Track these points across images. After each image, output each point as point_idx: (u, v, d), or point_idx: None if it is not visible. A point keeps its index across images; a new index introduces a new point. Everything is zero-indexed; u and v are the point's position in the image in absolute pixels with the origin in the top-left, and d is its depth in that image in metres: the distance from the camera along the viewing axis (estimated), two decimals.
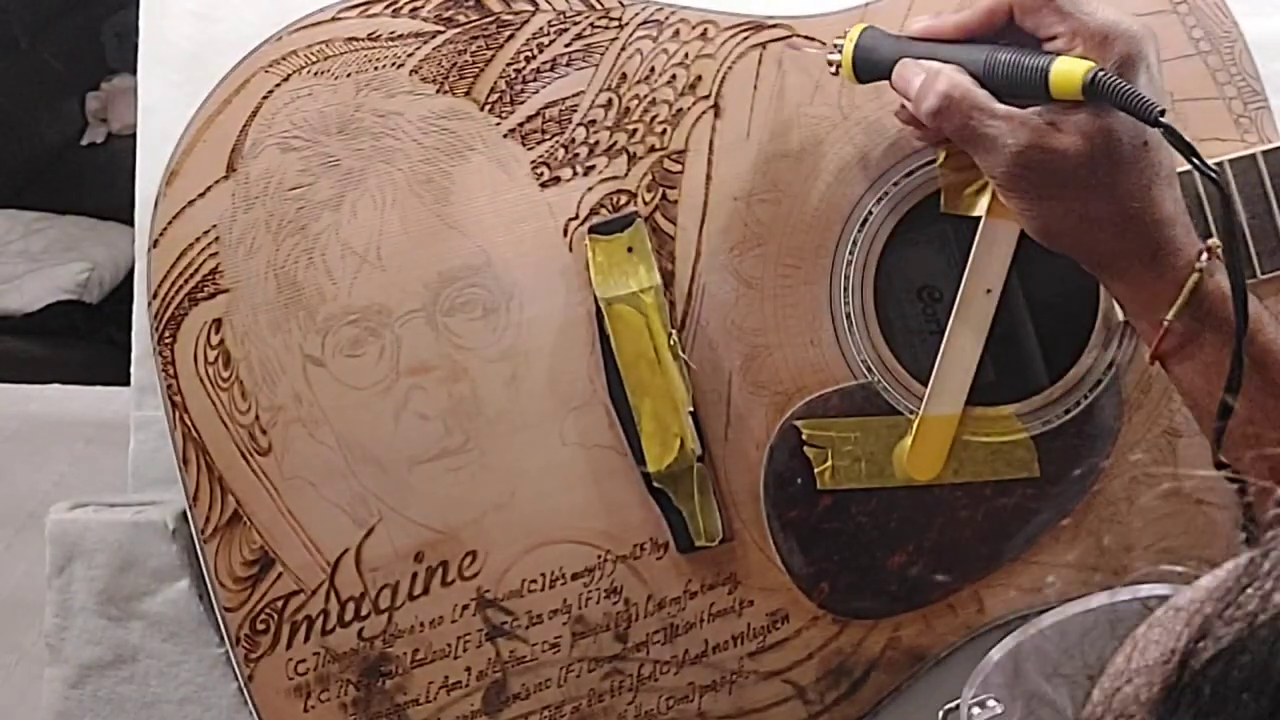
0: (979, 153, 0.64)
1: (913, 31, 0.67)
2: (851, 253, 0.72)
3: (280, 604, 0.72)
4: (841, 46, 0.68)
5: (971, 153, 0.65)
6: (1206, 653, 0.25)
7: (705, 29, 0.73)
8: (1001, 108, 0.63)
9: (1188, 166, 0.61)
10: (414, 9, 0.72)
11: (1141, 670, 0.26)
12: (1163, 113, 0.59)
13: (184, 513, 0.73)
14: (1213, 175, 0.61)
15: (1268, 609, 0.24)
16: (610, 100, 0.72)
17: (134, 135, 0.79)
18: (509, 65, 0.72)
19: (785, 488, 0.72)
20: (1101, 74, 0.60)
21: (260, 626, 0.72)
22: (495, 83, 0.72)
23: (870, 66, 0.67)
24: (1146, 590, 0.31)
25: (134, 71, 0.81)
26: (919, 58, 0.65)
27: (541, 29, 0.72)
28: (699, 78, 0.73)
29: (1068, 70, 0.61)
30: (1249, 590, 0.25)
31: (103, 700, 0.78)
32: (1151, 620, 0.27)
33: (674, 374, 0.71)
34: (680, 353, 0.72)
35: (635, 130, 0.73)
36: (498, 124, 0.72)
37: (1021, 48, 0.63)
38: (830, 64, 0.68)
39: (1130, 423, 0.73)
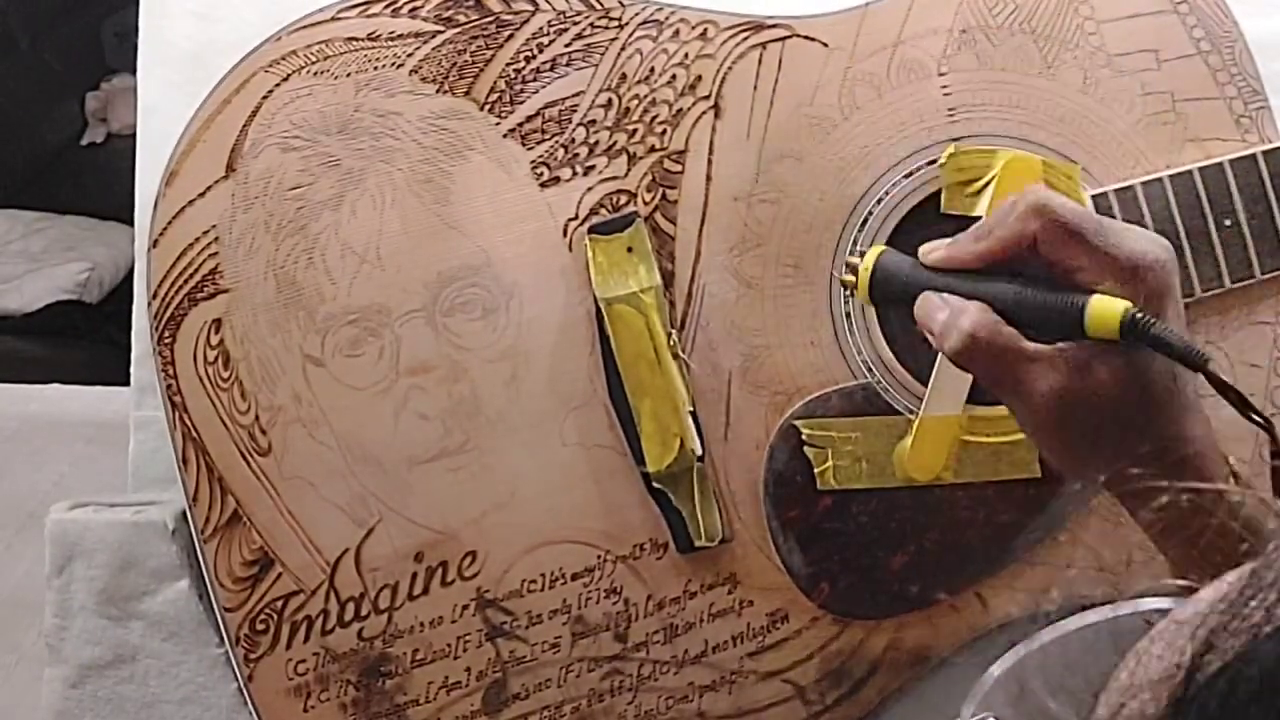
0: (1008, 395, 0.60)
1: (930, 260, 0.63)
2: (851, 253, 0.72)
3: (280, 604, 0.72)
4: (856, 267, 0.64)
5: (999, 394, 0.61)
6: (1212, 666, 0.24)
7: (705, 29, 0.73)
8: (1031, 347, 0.58)
9: (1186, 167, 0.61)
10: (414, 9, 0.72)
11: (1146, 685, 0.26)
12: (1208, 360, 0.56)
13: (184, 513, 0.73)
14: (1262, 423, 0.57)
15: (1272, 620, 0.24)
16: (610, 100, 0.72)
17: (134, 135, 0.79)
18: (509, 65, 0.72)
19: (785, 488, 0.72)
20: (1141, 316, 0.56)
21: (260, 626, 0.72)
22: (495, 83, 0.72)
23: (888, 291, 0.64)
24: (1148, 605, 0.30)
25: (134, 71, 0.81)
26: (941, 288, 0.61)
27: (541, 29, 0.72)
28: (699, 78, 0.73)
29: (1104, 310, 0.57)
30: (1253, 602, 0.25)
31: (102, 700, 0.77)
32: (1153, 634, 0.26)
33: (674, 374, 0.71)
34: (680, 353, 0.72)
35: (635, 130, 0.72)
36: (497, 124, 0.72)
37: (1049, 281, 0.59)
38: (845, 285, 0.65)
39: None
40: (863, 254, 0.65)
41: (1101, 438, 0.59)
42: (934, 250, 0.63)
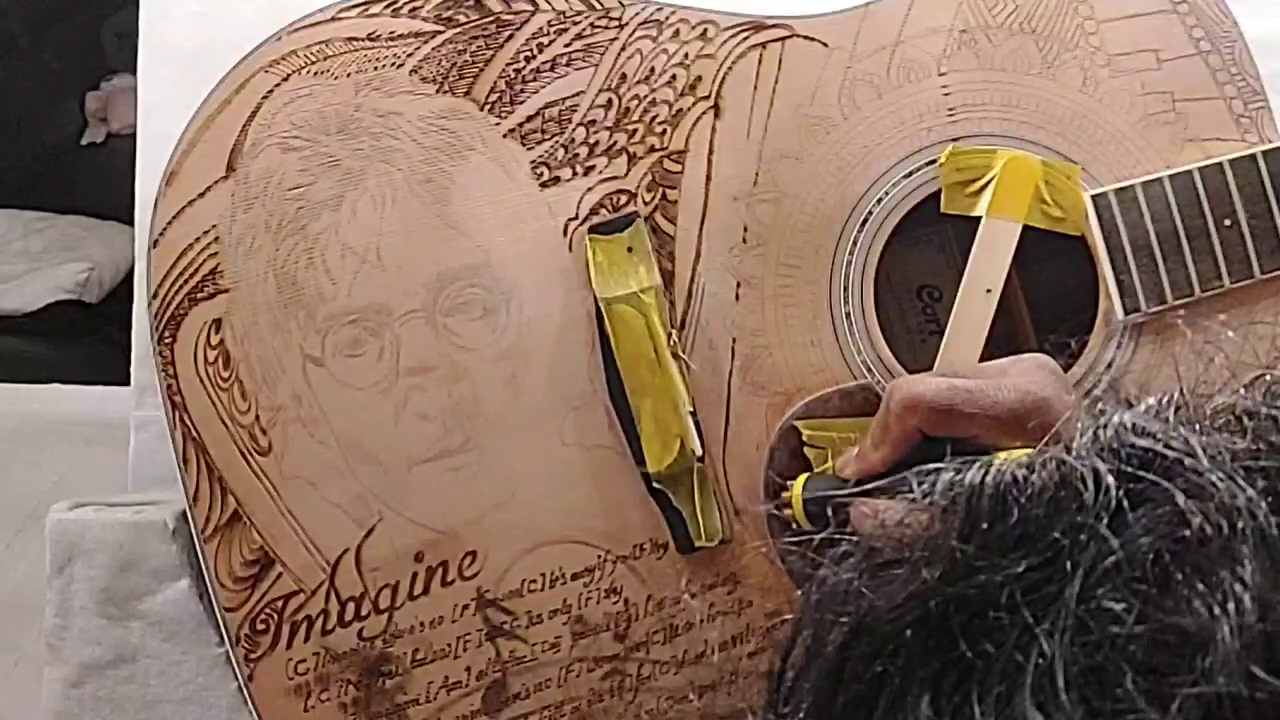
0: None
1: (847, 474, 0.66)
2: (851, 253, 0.72)
3: (280, 604, 0.72)
4: (789, 502, 0.68)
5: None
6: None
7: (705, 29, 0.73)
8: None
9: (1186, 167, 0.61)
10: (414, 9, 0.72)
11: None
12: None
13: (184, 513, 0.73)
14: None
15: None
16: (610, 100, 0.72)
17: (134, 135, 0.79)
18: (509, 65, 0.72)
19: (785, 488, 0.72)
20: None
21: (260, 626, 0.72)
22: (495, 83, 0.72)
23: (820, 508, 0.67)
24: None
25: (134, 71, 0.81)
26: (871, 494, 0.62)
27: (541, 29, 0.72)
28: (699, 78, 0.73)
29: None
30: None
31: (102, 700, 0.77)
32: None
33: (674, 374, 0.71)
34: (680, 353, 0.72)
35: (635, 130, 0.73)
36: (497, 124, 0.72)
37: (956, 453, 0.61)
38: (785, 524, 0.69)
39: None
40: (786, 487, 0.69)
41: None
42: (846, 465, 0.66)
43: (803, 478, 0.68)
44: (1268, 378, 0.28)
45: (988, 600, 0.25)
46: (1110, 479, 0.25)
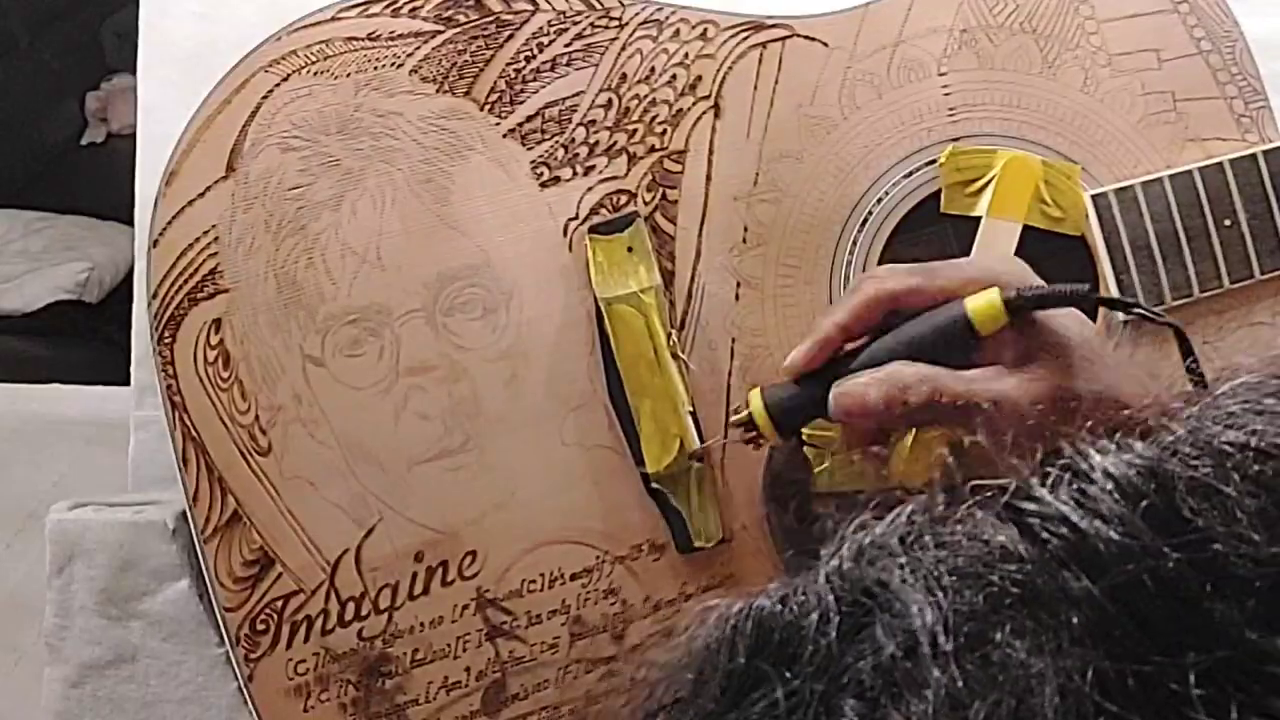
0: (970, 423, 0.58)
1: (803, 361, 0.61)
2: (851, 253, 0.72)
3: (280, 604, 0.72)
4: (751, 418, 0.63)
5: (972, 429, 0.60)
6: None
7: (705, 29, 0.73)
8: (967, 374, 0.58)
9: (1186, 167, 0.61)
10: (413, 9, 0.72)
11: None
12: (1093, 288, 0.57)
13: (184, 513, 0.73)
14: (1171, 324, 0.59)
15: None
16: (610, 100, 0.72)
17: (134, 135, 0.79)
18: (509, 65, 0.72)
19: (784, 488, 0.72)
20: (1014, 290, 0.57)
21: (260, 626, 0.72)
22: (495, 82, 0.72)
23: (791, 417, 0.63)
24: None
25: (134, 71, 0.81)
26: (838, 378, 0.60)
27: (541, 29, 0.72)
28: (699, 78, 0.73)
29: (984, 304, 0.57)
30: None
31: (103, 700, 0.77)
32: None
33: (673, 374, 0.71)
34: (680, 353, 0.71)
35: (635, 130, 0.72)
36: (497, 124, 0.72)
37: (916, 317, 0.59)
38: (747, 441, 0.64)
39: None
40: (739, 411, 0.64)
41: (1078, 397, 0.59)
42: (792, 356, 0.62)
43: (755, 391, 0.63)
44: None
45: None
46: (832, 610, 0.26)
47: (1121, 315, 0.71)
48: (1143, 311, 0.59)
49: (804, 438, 0.72)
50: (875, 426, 0.61)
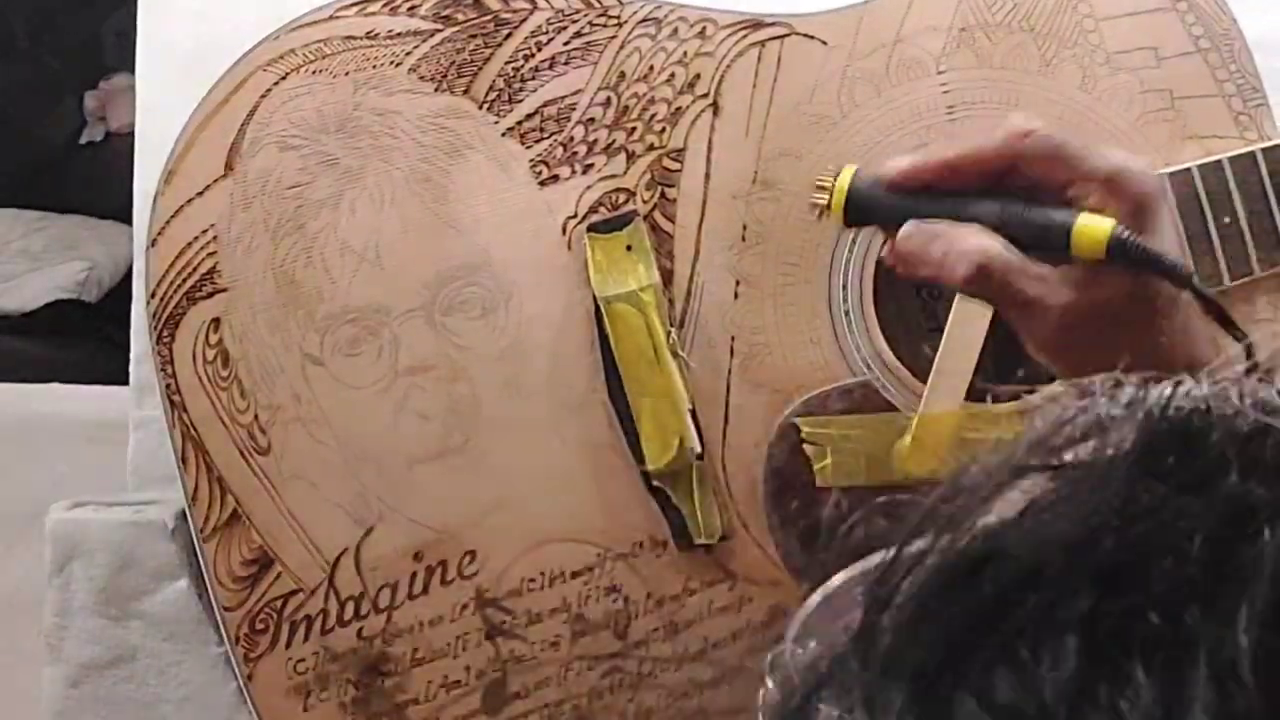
0: (1019, 316, 0.59)
1: (899, 175, 0.60)
2: (850, 250, 0.72)
3: (280, 603, 0.72)
4: (829, 188, 0.61)
5: (1009, 316, 0.60)
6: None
7: (704, 27, 0.73)
8: (1036, 268, 0.58)
9: (1185, 165, 0.61)
10: (412, 7, 0.72)
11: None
12: (1192, 275, 0.57)
13: (184, 512, 0.73)
14: (1243, 339, 0.57)
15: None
16: (609, 99, 0.72)
17: (133, 134, 0.79)
18: (507, 63, 0.72)
19: (784, 485, 0.72)
20: (1127, 235, 0.56)
21: (259, 626, 0.72)
22: (493, 81, 0.72)
23: (864, 213, 0.61)
24: None
25: (133, 71, 0.81)
26: (926, 214, 0.59)
27: (540, 27, 0.72)
28: (697, 76, 0.73)
29: (1090, 230, 0.56)
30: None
31: (102, 700, 0.78)
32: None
33: (673, 372, 0.71)
34: (679, 351, 0.71)
35: (634, 129, 0.72)
36: (496, 122, 0.72)
37: (1029, 201, 0.58)
38: (815, 206, 0.62)
39: None
40: (835, 174, 0.61)
41: (1111, 347, 0.58)
42: (898, 163, 0.60)
43: (849, 170, 0.61)
44: None
45: (1167, 547, 0.22)
46: None
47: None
48: (1231, 331, 0.57)
49: (804, 435, 0.72)
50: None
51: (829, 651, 0.24)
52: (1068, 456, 0.25)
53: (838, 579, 0.29)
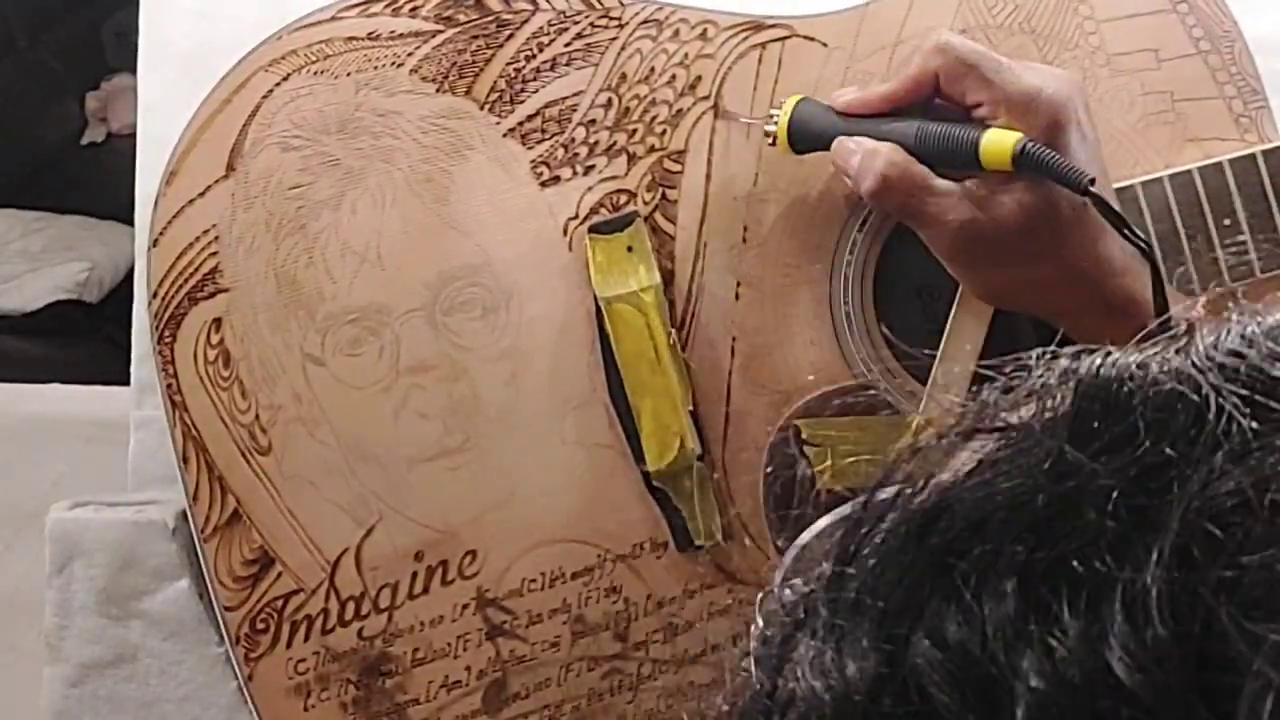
0: (921, 228, 0.64)
1: (842, 104, 0.67)
2: (851, 252, 0.72)
3: (280, 603, 0.72)
4: (777, 117, 0.68)
5: (915, 228, 0.65)
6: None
7: (705, 29, 0.73)
8: (940, 183, 0.62)
9: (1186, 167, 0.61)
10: (414, 8, 0.72)
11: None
12: (1092, 182, 0.59)
13: (184, 512, 0.73)
14: (1142, 245, 0.60)
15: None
16: (610, 100, 0.72)
17: (134, 135, 0.79)
18: (509, 65, 0.72)
19: (785, 487, 0.72)
20: (1030, 145, 0.59)
21: (260, 626, 0.72)
22: (495, 82, 0.72)
23: (807, 139, 0.68)
24: None
25: (134, 71, 0.81)
26: (854, 133, 0.65)
27: (541, 28, 0.72)
28: (699, 78, 0.73)
29: (997, 142, 0.60)
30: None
31: (102, 699, 0.78)
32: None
33: (674, 373, 0.71)
34: (680, 352, 0.72)
35: (635, 130, 0.73)
36: (497, 123, 0.72)
37: (949, 118, 0.63)
38: (766, 135, 0.69)
39: None
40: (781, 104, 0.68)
41: (1011, 263, 0.63)
42: (845, 94, 0.67)
43: (796, 98, 0.68)
44: None
45: (1090, 501, 0.25)
46: (1236, 409, 0.25)
47: None
48: (1127, 234, 0.61)
49: (804, 436, 0.72)
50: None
51: (806, 595, 0.29)
52: (1012, 419, 0.28)
53: (819, 524, 0.34)
